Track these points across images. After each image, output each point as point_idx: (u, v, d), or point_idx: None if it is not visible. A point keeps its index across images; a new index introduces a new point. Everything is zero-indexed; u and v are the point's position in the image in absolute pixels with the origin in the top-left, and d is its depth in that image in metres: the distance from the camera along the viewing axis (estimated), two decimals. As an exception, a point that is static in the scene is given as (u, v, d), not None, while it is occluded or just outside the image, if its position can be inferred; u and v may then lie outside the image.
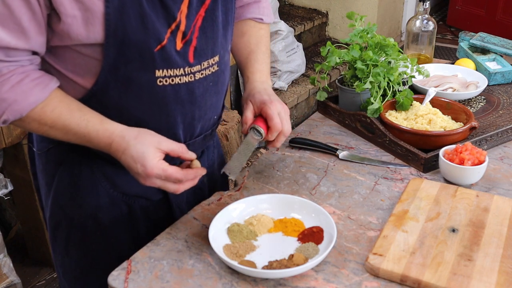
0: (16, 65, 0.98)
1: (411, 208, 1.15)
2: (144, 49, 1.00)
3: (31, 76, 0.99)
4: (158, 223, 1.23)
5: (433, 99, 1.51)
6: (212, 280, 1.00)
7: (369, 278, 1.00)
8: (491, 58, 1.86)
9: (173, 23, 1.02)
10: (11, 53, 0.96)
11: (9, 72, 0.97)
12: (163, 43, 1.01)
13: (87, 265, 1.23)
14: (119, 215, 1.19)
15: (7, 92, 0.97)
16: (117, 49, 0.99)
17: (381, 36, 1.51)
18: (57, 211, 1.20)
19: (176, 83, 1.06)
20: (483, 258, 1.01)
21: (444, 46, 4.86)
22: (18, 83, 0.97)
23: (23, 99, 0.98)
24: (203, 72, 1.10)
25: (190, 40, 1.05)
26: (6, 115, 0.98)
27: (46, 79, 1.01)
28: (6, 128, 1.98)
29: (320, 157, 1.40)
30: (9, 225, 2.57)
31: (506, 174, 1.32)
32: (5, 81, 0.97)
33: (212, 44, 1.10)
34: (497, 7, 4.82)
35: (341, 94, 1.55)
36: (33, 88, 0.99)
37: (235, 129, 2.98)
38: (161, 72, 1.04)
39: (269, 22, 1.35)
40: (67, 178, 1.16)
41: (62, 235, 1.22)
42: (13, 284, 2.11)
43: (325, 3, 4.33)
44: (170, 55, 1.03)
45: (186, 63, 1.06)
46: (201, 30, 1.07)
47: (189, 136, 1.17)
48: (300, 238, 1.08)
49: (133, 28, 0.97)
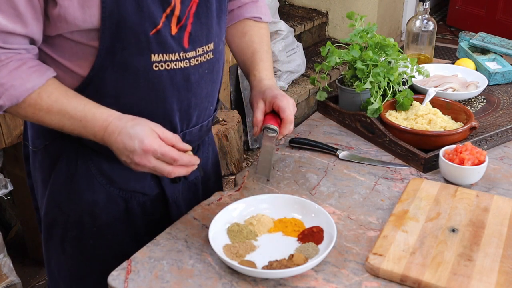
0: (14, 52, 0.98)
1: (411, 208, 1.15)
2: (139, 33, 1.01)
3: (29, 64, 1.00)
4: (156, 219, 1.23)
5: (433, 99, 1.51)
6: (212, 280, 1.00)
7: (369, 278, 1.00)
8: (491, 58, 1.86)
9: (168, 7, 1.03)
10: (9, 39, 0.97)
11: (7, 58, 0.98)
12: (158, 27, 1.02)
13: (84, 263, 1.23)
14: (116, 211, 1.19)
15: (4, 78, 0.97)
16: (113, 33, 1.00)
17: (381, 36, 1.51)
18: (53, 208, 1.20)
19: (172, 68, 1.07)
20: (483, 258, 1.01)
21: (444, 46, 4.87)
22: (16, 69, 0.98)
23: (21, 85, 0.98)
24: (198, 59, 1.11)
25: (185, 26, 1.07)
26: (2, 100, 0.99)
27: (43, 68, 1.02)
28: (6, 128, 1.98)
29: (320, 157, 1.40)
30: (9, 225, 2.57)
31: (506, 174, 1.32)
32: (3, 67, 0.97)
33: (206, 31, 1.11)
34: (497, 7, 4.82)
35: (341, 94, 1.55)
36: (30, 75, 0.99)
37: (235, 129, 2.98)
38: (157, 56, 1.05)
39: (268, 21, 1.36)
40: (64, 174, 1.16)
41: (58, 232, 1.21)
42: (13, 284, 2.10)
43: (325, 3, 4.34)
44: (166, 39, 1.04)
45: (181, 48, 1.07)
46: (195, 16, 1.08)
47: (186, 125, 1.17)
48: (300, 238, 1.08)
49: (128, 11, 0.99)
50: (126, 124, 1.01)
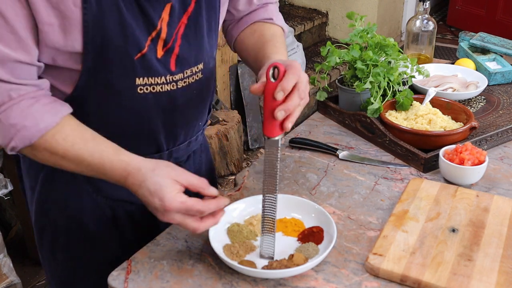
0: (26, 90, 0.93)
1: (411, 208, 1.15)
2: (124, 57, 0.97)
3: (42, 101, 0.95)
4: (144, 227, 1.20)
5: (433, 99, 1.51)
6: (212, 280, 1.00)
7: (369, 278, 1.00)
8: (491, 58, 1.86)
9: (153, 31, 0.99)
10: (16, 70, 0.91)
11: (19, 96, 0.93)
12: (143, 51, 0.99)
13: (74, 269, 1.22)
14: (104, 219, 1.17)
15: (16, 117, 0.92)
16: (96, 57, 0.95)
17: (381, 36, 1.50)
18: (41, 215, 1.18)
19: (157, 91, 1.04)
20: (483, 258, 1.01)
21: (444, 46, 4.87)
22: (28, 107, 0.93)
23: (33, 125, 0.93)
24: (186, 81, 1.07)
25: (172, 48, 1.03)
26: (14, 142, 0.94)
27: (58, 105, 0.97)
28: (6, 128, 1.98)
29: (320, 157, 1.40)
30: (9, 225, 2.57)
31: (506, 174, 1.32)
32: (15, 106, 0.92)
33: (195, 52, 1.07)
34: (497, 7, 4.83)
35: (341, 94, 1.55)
36: (43, 114, 0.94)
37: (235, 129, 2.98)
38: (142, 80, 1.01)
39: (280, 25, 1.29)
40: (50, 182, 1.14)
41: (48, 239, 1.20)
42: (13, 284, 2.11)
43: (325, 3, 4.34)
44: (151, 63, 1.00)
45: (168, 71, 1.03)
46: (183, 37, 1.04)
47: (172, 143, 1.15)
48: (300, 238, 1.08)
49: (112, 36, 0.94)
50: (145, 175, 0.94)
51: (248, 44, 1.24)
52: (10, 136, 0.93)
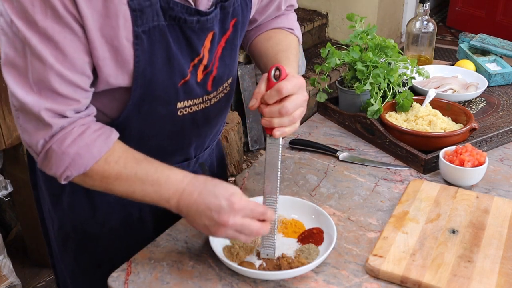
0: (77, 117, 0.93)
1: (411, 210, 1.15)
2: (169, 86, 0.99)
3: (92, 128, 0.94)
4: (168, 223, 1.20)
5: (433, 101, 1.51)
6: (212, 282, 1.00)
7: (369, 279, 1.00)
8: (491, 59, 1.86)
9: (196, 57, 1.01)
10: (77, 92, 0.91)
11: (70, 125, 0.92)
12: (187, 78, 1.01)
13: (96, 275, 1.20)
14: (129, 221, 1.18)
15: (69, 146, 0.91)
16: (144, 89, 0.97)
17: (381, 37, 1.51)
18: (68, 222, 1.18)
19: (194, 111, 1.07)
20: (483, 260, 1.01)
21: (444, 48, 4.87)
22: (80, 135, 0.92)
23: (86, 152, 0.92)
24: (217, 97, 1.11)
25: (210, 71, 1.06)
26: (69, 171, 0.93)
27: (107, 130, 0.97)
28: (6, 129, 1.98)
29: (320, 158, 1.40)
30: (9, 227, 2.57)
31: (506, 175, 1.32)
32: (67, 134, 0.92)
33: (228, 71, 1.11)
34: (497, 9, 4.83)
35: (341, 95, 1.55)
36: (95, 140, 0.94)
37: (235, 130, 2.98)
38: (182, 103, 1.04)
39: (298, 36, 1.29)
40: (79, 190, 1.11)
41: (72, 246, 1.20)
42: (13, 285, 2.11)
43: (325, 4, 4.34)
44: (192, 87, 1.03)
45: (205, 92, 1.07)
46: (220, 59, 1.07)
47: (200, 151, 1.20)
48: (300, 239, 1.08)
49: (159, 68, 0.96)
50: (206, 183, 0.95)
51: (261, 48, 1.25)
52: (64, 165, 0.93)
